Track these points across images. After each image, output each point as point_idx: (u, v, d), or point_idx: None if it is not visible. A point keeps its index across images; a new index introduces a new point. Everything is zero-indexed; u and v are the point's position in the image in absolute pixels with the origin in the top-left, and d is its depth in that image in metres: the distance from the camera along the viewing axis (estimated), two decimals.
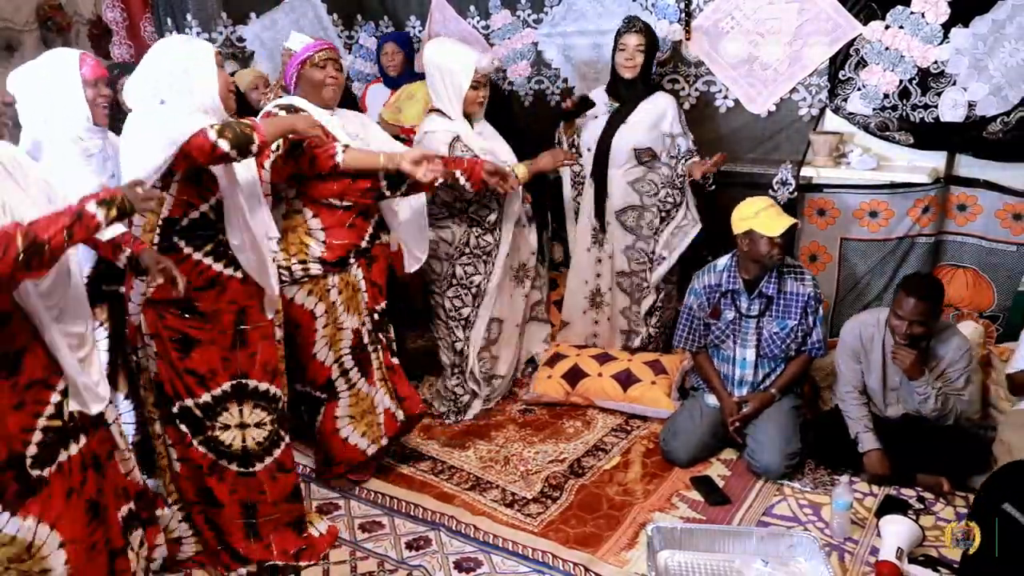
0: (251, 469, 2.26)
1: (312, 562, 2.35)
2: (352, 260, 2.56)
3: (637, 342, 3.45)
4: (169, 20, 3.72)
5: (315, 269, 2.49)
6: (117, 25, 3.84)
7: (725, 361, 2.89)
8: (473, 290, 3.07)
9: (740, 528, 2.43)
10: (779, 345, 2.78)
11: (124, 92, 2.14)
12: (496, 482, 2.75)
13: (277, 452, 2.30)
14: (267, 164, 2.40)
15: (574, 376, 3.27)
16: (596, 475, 2.78)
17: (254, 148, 1.99)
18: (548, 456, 2.91)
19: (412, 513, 2.59)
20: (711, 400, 2.91)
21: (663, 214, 3.26)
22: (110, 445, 1.95)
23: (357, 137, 2.58)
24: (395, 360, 2.78)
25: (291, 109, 2.44)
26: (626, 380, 3.20)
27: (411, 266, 2.88)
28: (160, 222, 2.07)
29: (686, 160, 3.14)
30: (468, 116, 2.97)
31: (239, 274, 2.16)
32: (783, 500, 2.61)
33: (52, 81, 2.08)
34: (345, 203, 2.50)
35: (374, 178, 2.47)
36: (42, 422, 1.69)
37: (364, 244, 2.59)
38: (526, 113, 3.86)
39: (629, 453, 2.92)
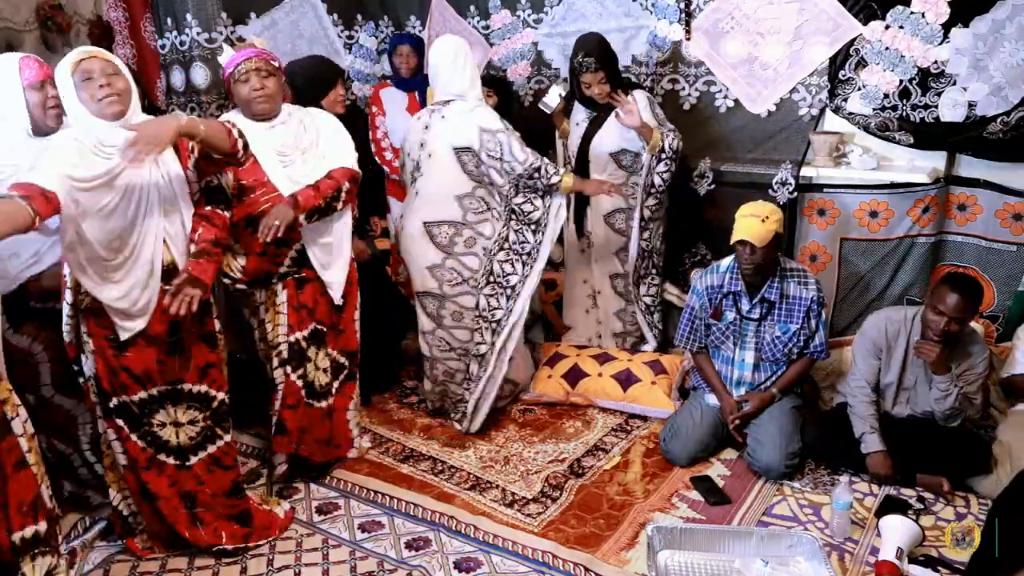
0: (187, 463, 2.31)
1: (260, 541, 2.43)
2: (275, 281, 2.54)
3: (629, 342, 3.46)
4: (169, 20, 3.72)
5: (240, 285, 2.54)
6: (119, 25, 3.84)
7: (724, 362, 2.89)
8: (508, 290, 2.97)
9: (740, 528, 2.43)
10: (781, 349, 2.78)
11: None
12: (496, 482, 2.75)
13: (212, 448, 2.34)
14: (191, 165, 2.23)
15: (574, 376, 3.27)
16: (596, 475, 2.78)
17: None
18: (548, 456, 2.91)
19: (412, 513, 2.59)
20: (711, 400, 2.91)
21: (647, 227, 3.26)
22: (16, 457, 1.82)
23: (296, 149, 2.48)
24: (322, 381, 2.68)
25: (230, 124, 2.23)
26: (626, 380, 3.20)
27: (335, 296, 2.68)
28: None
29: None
30: None
31: (167, 285, 2.11)
32: (783, 500, 2.61)
33: None
34: (252, 222, 2.39)
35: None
36: None
37: (283, 270, 2.53)
38: (526, 113, 3.86)
39: (629, 453, 2.92)
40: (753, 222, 2.63)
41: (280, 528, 2.50)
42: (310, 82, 2.94)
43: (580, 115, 3.27)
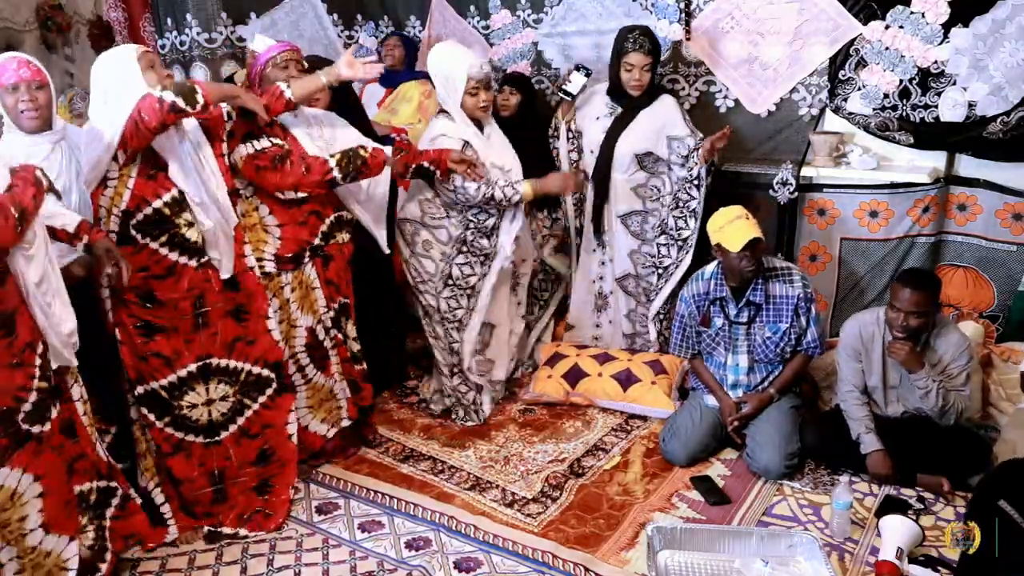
0: (217, 438, 2.44)
1: (257, 532, 2.48)
2: (306, 258, 2.63)
3: (639, 343, 3.45)
4: (169, 20, 3.72)
5: (269, 266, 2.57)
6: (119, 25, 3.85)
7: (719, 367, 2.88)
8: (468, 291, 3.04)
9: (740, 528, 2.43)
10: (773, 349, 2.78)
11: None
12: (496, 482, 2.75)
13: (241, 420, 2.47)
14: (225, 137, 2.41)
15: (574, 376, 3.27)
16: (596, 475, 2.78)
17: (199, 98, 2.12)
18: (548, 456, 2.91)
19: (412, 513, 2.59)
20: (711, 400, 2.91)
21: (679, 218, 3.19)
22: (73, 419, 2.06)
23: (320, 137, 2.63)
24: (356, 349, 2.87)
25: (250, 112, 2.44)
26: (626, 380, 3.20)
27: (385, 247, 2.91)
28: (119, 213, 2.17)
29: (696, 152, 3.08)
30: (477, 121, 2.94)
31: (193, 262, 2.27)
32: (783, 500, 2.61)
33: None
34: (300, 195, 2.53)
35: (327, 170, 2.51)
36: (35, 383, 1.84)
37: (318, 241, 2.65)
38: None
39: (629, 453, 2.92)
40: (743, 224, 2.63)
41: (279, 523, 2.54)
42: None
43: (601, 109, 3.24)
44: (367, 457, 2.94)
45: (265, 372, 2.50)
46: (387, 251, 2.92)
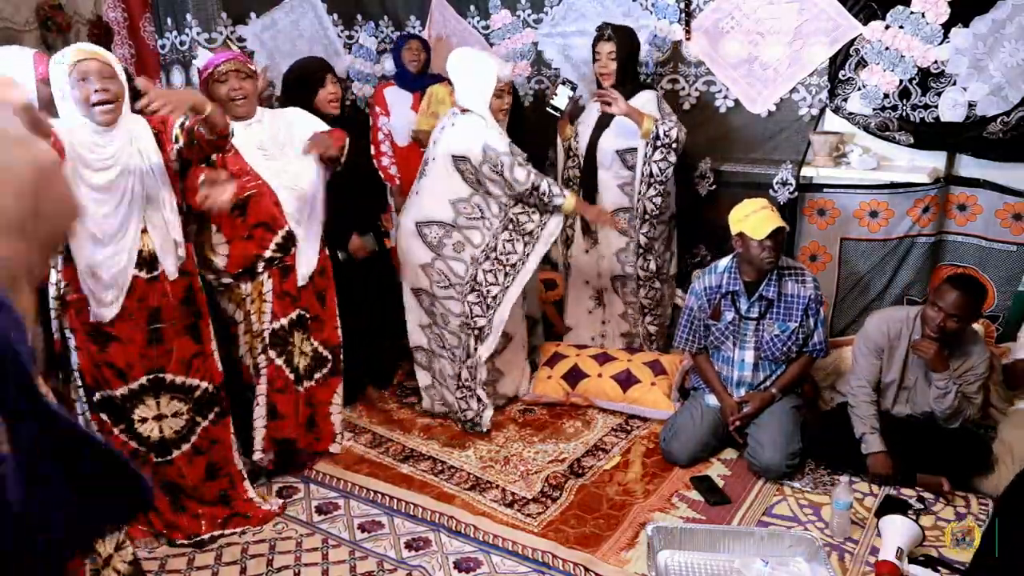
0: (169, 457, 2.40)
1: (239, 529, 2.49)
2: (261, 270, 2.57)
3: (637, 343, 3.45)
4: (169, 20, 3.71)
5: (225, 279, 2.56)
6: (118, 25, 3.84)
7: (724, 363, 2.88)
8: (489, 300, 3.00)
9: (740, 528, 2.42)
10: (779, 348, 2.78)
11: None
12: (496, 482, 2.75)
13: (193, 438, 2.43)
14: (172, 153, 2.27)
15: (574, 376, 3.27)
16: (596, 475, 2.78)
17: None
18: (548, 456, 2.91)
19: (412, 513, 2.59)
20: (711, 400, 2.91)
21: (648, 221, 3.22)
22: None
23: (275, 145, 2.56)
24: (303, 364, 2.73)
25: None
26: (626, 381, 3.20)
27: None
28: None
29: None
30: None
31: (144, 273, 2.22)
32: (783, 500, 2.61)
33: None
34: (236, 205, 2.42)
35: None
36: None
37: (269, 254, 2.56)
38: (525, 112, 3.86)
39: (629, 453, 2.92)
40: (768, 214, 2.65)
41: (261, 519, 2.54)
42: (298, 82, 2.96)
43: (593, 115, 3.27)
44: (367, 457, 2.93)
45: (210, 388, 2.45)
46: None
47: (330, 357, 2.82)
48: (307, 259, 2.67)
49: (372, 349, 3.33)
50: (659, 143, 3.09)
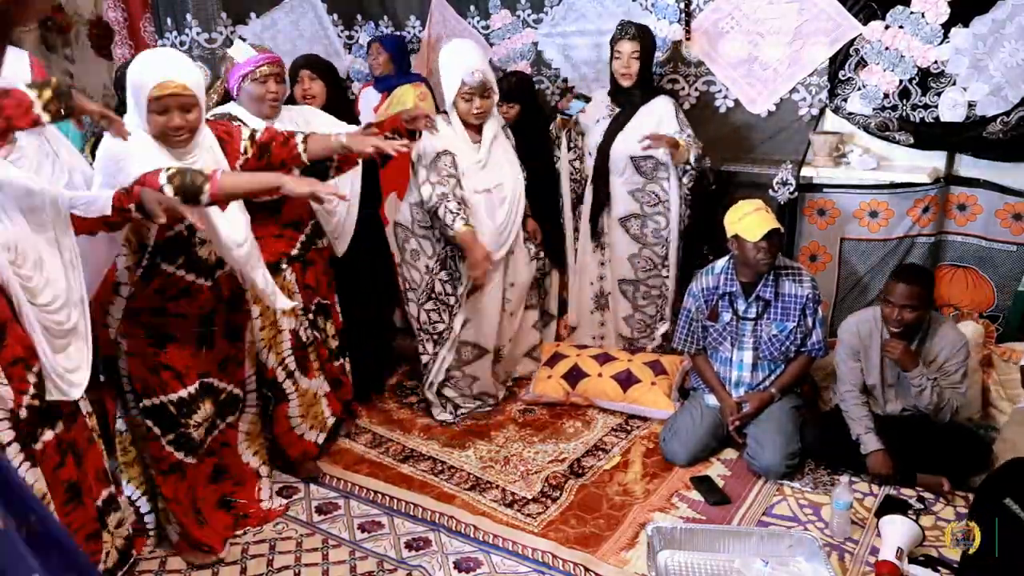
0: (196, 460, 2.37)
1: (240, 530, 2.49)
2: (284, 266, 2.62)
3: (650, 346, 3.45)
4: (169, 20, 3.72)
5: None
6: (119, 25, 3.85)
7: (723, 363, 2.89)
8: (448, 310, 3.03)
9: (740, 528, 2.43)
10: (778, 348, 2.78)
11: None
12: (496, 482, 2.75)
13: (208, 439, 2.42)
14: (238, 166, 2.31)
15: (574, 376, 3.27)
16: (596, 475, 2.78)
17: (203, 199, 1.85)
18: (548, 456, 2.91)
19: (412, 513, 2.59)
20: (711, 400, 2.91)
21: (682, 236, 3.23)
22: (88, 433, 2.02)
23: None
24: (334, 346, 2.87)
25: (230, 117, 2.45)
26: (626, 381, 3.20)
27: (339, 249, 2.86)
28: (151, 246, 2.09)
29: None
30: (475, 127, 2.91)
31: (208, 282, 2.22)
32: (783, 500, 2.61)
33: None
34: (270, 205, 2.47)
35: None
36: (25, 399, 1.75)
37: (295, 252, 2.64)
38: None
39: (629, 453, 2.92)
40: (763, 215, 2.66)
41: (262, 519, 2.54)
42: None
43: (601, 111, 3.25)
44: (367, 457, 2.94)
45: (236, 391, 2.47)
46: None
47: (339, 342, 2.93)
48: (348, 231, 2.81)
49: (367, 349, 3.32)
50: (689, 167, 3.11)
